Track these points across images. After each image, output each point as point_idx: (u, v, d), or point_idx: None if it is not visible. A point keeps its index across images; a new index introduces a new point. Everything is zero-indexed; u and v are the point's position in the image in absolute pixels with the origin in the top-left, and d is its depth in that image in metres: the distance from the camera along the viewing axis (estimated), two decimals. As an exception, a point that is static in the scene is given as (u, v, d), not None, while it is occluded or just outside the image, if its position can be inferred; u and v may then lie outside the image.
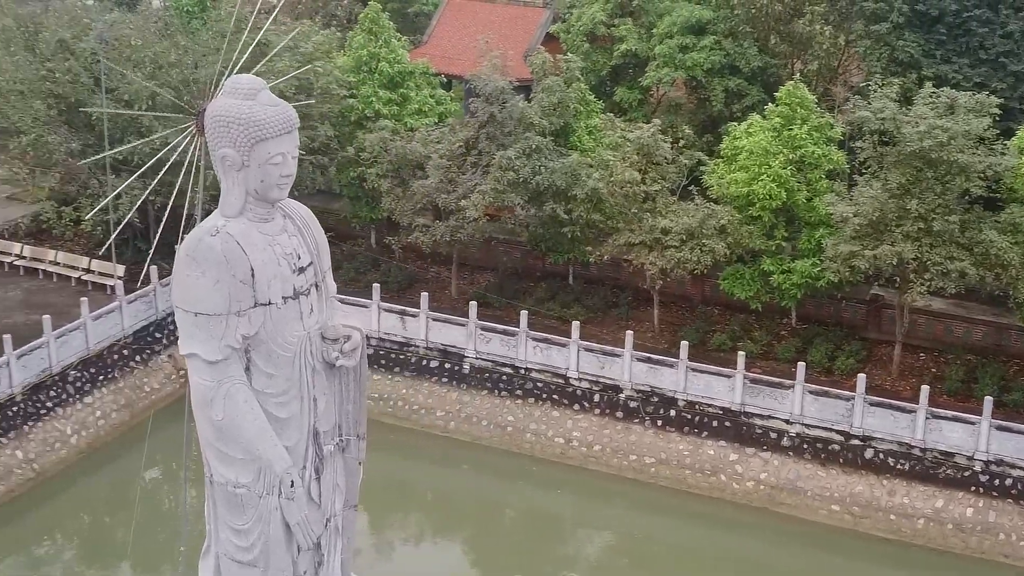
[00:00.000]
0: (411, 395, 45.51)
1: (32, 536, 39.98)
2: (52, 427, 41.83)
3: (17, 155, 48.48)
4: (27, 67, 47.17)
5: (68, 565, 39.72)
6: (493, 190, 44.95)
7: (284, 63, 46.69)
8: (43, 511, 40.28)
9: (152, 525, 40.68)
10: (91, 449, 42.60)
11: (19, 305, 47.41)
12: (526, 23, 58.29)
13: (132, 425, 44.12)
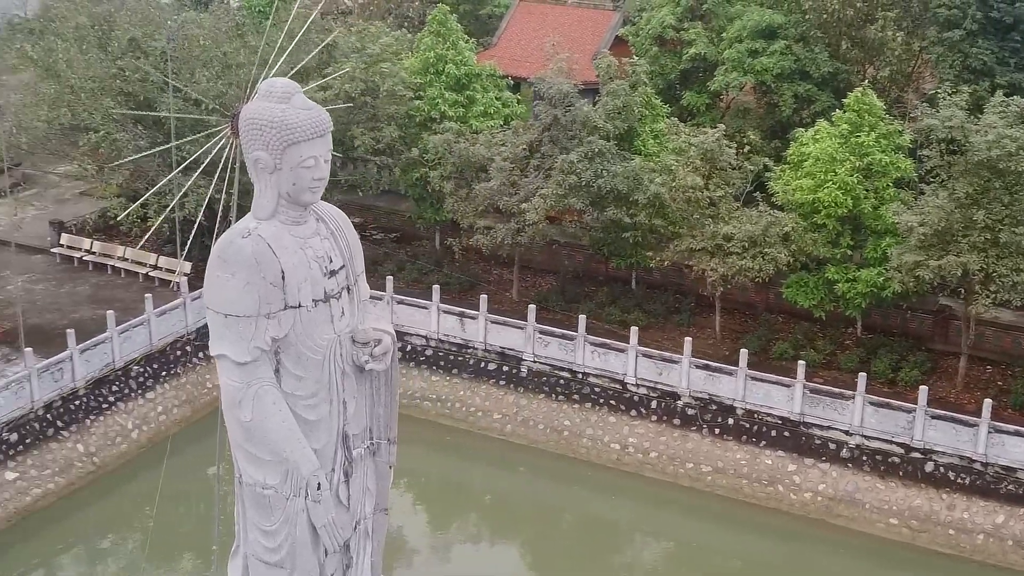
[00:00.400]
0: (468, 397, 45.51)
1: (92, 529, 40.50)
2: (114, 421, 42.37)
3: (87, 151, 49.17)
4: (98, 65, 47.84)
5: (130, 559, 40.09)
6: (554, 194, 44.80)
7: (351, 64, 46.93)
8: (103, 505, 40.78)
9: (208, 522, 41.08)
10: (151, 444, 43.07)
11: (86, 300, 48.12)
12: (595, 26, 58.09)
13: (193, 421, 44.57)
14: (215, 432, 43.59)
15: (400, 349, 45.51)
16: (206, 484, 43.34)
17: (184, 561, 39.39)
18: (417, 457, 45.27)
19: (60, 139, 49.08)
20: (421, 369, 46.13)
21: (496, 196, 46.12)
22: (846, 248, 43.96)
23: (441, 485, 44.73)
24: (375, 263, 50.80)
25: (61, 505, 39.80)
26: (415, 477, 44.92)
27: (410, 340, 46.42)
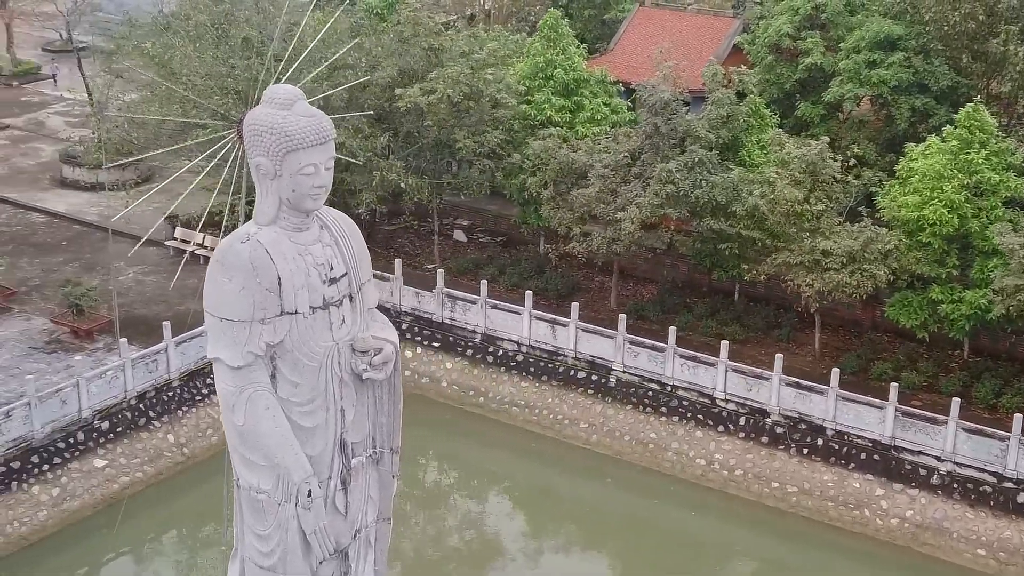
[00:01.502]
0: (556, 405, 45.30)
1: (179, 519, 41.43)
2: (205, 414, 43.26)
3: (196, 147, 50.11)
4: (213, 63, 48.85)
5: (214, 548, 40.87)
6: (650, 203, 44.30)
7: (456, 69, 47.10)
8: (191, 495, 41.63)
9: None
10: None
11: (192, 293, 49.09)
12: (714, 33, 57.29)
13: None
14: None
15: (491, 354, 46.01)
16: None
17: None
18: (504, 462, 45.37)
19: (173, 136, 50.22)
20: (511, 374, 46.09)
21: (594, 203, 45.80)
22: (952, 268, 42.49)
23: (529, 491, 44.62)
24: (477, 266, 50.96)
25: (149, 493, 40.79)
26: (503, 482, 45.00)
27: (502, 345, 46.42)
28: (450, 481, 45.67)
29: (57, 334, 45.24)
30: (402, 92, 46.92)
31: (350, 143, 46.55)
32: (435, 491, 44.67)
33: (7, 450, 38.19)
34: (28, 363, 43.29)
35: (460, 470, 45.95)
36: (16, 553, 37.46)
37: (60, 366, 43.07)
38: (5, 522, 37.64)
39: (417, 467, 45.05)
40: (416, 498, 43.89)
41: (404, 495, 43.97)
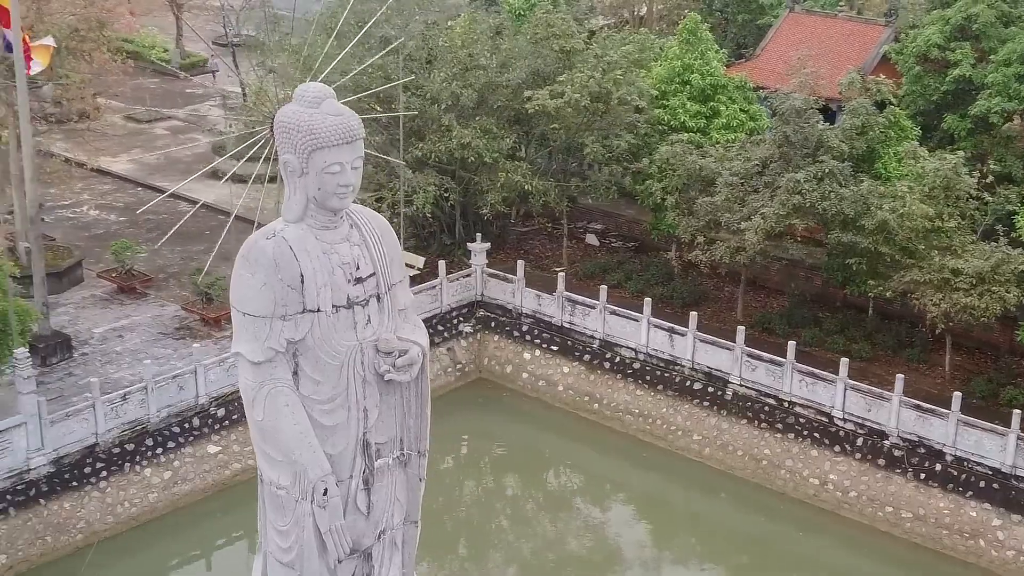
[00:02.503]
0: (670, 415, 44.68)
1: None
2: (321, 405, 43.78)
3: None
4: (348, 60, 49.47)
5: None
6: (775, 214, 43.33)
7: (585, 73, 46.83)
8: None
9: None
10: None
11: (321, 287, 49.98)
12: (864, 41, 55.77)
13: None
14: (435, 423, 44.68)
15: (608, 360, 45.62)
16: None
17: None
18: (619, 470, 44.98)
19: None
20: (627, 382, 45.62)
21: (719, 212, 45.01)
22: (1091, 294, 40.54)
23: (645, 501, 44.16)
24: (605, 271, 50.63)
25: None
26: (619, 490, 44.57)
27: (619, 352, 46.00)
28: (568, 486, 45.43)
29: (187, 321, 46.43)
30: (531, 94, 46.87)
31: (476, 143, 46.71)
32: (555, 495, 44.46)
33: (122, 432, 39.35)
34: (155, 348, 44.53)
35: (577, 475, 45.70)
36: (125, 534, 38.60)
37: (185, 352, 44.14)
38: (116, 502, 38.82)
39: (535, 470, 44.97)
40: (536, 501, 43.82)
41: (525, 497, 44.04)
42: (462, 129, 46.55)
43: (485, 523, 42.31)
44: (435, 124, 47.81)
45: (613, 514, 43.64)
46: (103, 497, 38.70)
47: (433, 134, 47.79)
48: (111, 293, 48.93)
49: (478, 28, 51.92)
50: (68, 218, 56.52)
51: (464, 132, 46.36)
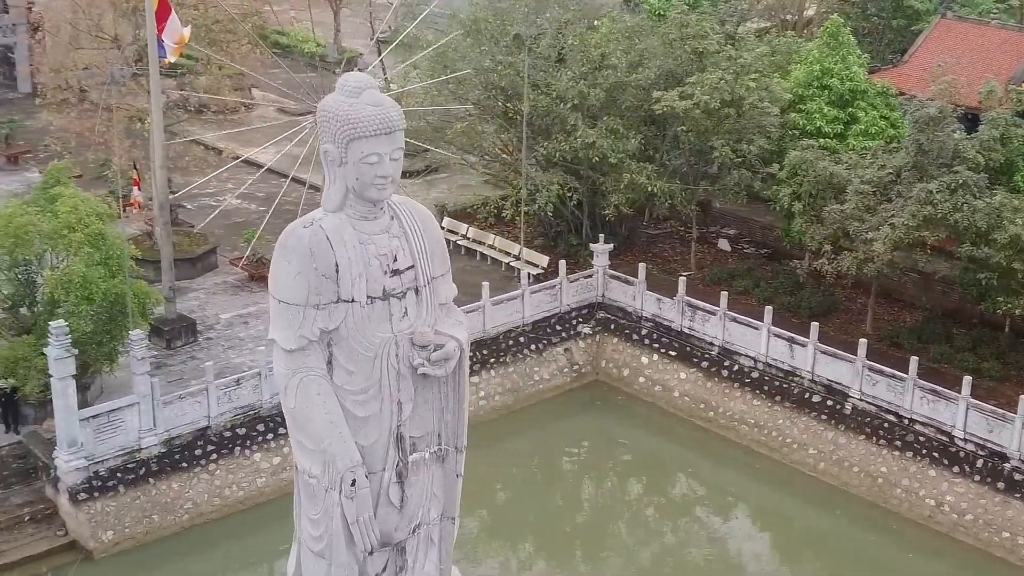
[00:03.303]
0: (787, 427, 43.58)
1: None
2: (432, 399, 43.92)
3: (452, 139, 51.22)
4: (480, 57, 49.63)
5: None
6: (905, 224, 41.89)
7: (716, 75, 46.05)
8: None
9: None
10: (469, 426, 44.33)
11: (446, 283, 50.17)
12: (1018, 49, 53.61)
13: (514, 410, 45.59)
14: (537, 423, 44.99)
15: (727, 368, 44.74)
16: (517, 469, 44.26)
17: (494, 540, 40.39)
18: (733, 480, 44.11)
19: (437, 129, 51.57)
20: (744, 391, 44.67)
21: (847, 221, 43.74)
22: None
23: (762, 514, 43.21)
24: (732, 276, 49.71)
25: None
26: (737, 501, 43.64)
27: (738, 360, 45.09)
28: (686, 494, 44.72)
29: (311, 312, 47.05)
30: (660, 95, 46.27)
31: (601, 143, 46.31)
32: (673, 503, 43.80)
33: (235, 416, 40.08)
34: (276, 336, 45.23)
35: (695, 484, 44.98)
36: (231, 516, 39.32)
37: (305, 341, 44.67)
38: (224, 485, 39.55)
39: (653, 476, 44.40)
40: (655, 507, 43.22)
41: (643, 503, 43.50)
42: (587, 128, 46.17)
43: (604, 527, 41.87)
44: (561, 123, 47.56)
45: (731, 526, 42.74)
46: (211, 479, 39.49)
47: (559, 133, 47.57)
48: (242, 280, 49.98)
49: (615, 28, 51.47)
50: (210, 206, 57.79)
51: (589, 132, 46.00)
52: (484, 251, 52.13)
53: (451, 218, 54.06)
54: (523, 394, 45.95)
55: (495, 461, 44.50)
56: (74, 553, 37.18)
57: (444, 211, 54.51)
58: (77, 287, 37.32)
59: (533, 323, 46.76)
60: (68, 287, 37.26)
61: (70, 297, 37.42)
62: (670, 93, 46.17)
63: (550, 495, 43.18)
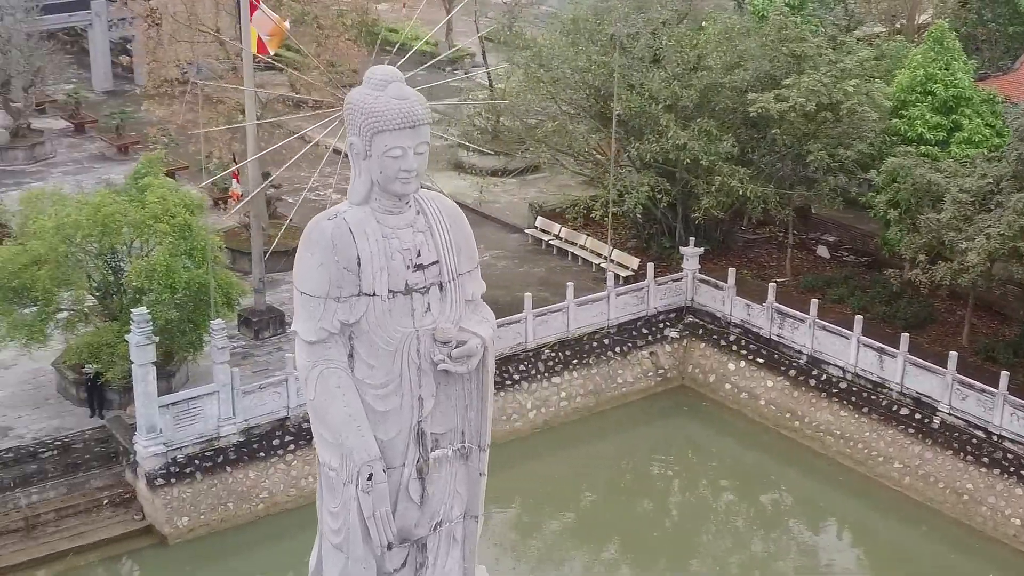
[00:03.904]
0: (873, 440, 42.53)
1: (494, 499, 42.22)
2: (513, 399, 43.89)
3: (541, 138, 50.99)
4: (575, 57, 49.31)
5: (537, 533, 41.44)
6: (1000, 235, 40.60)
7: (813, 78, 45.15)
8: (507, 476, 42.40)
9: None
10: (547, 427, 44.26)
11: (536, 282, 50.06)
12: None
13: (595, 412, 45.25)
14: (620, 426, 44.56)
15: (814, 377, 43.80)
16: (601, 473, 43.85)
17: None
18: (819, 492, 43.30)
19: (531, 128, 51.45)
20: (831, 401, 43.71)
21: (944, 230, 42.52)
22: None
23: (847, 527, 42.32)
24: (828, 284, 48.75)
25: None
26: (825, 514, 42.73)
27: (826, 369, 44.14)
28: (772, 504, 43.83)
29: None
30: (755, 97, 45.51)
31: (692, 145, 45.71)
32: (760, 512, 42.94)
33: (304, 413, 40.25)
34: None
35: (780, 494, 44.13)
36: (305, 507, 38.59)
37: (390, 336, 44.79)
38: (300, 476, 39.76)
39: (739, 485, 43.73)
40: (743, 516, 42.51)
41: (731, 512, 42.82)
42: (678, 130, 45.59)
43: (690, 534, 41.33)
44: (654, 124, 47.06)
45: (818, 538, 41.89)
46: (288, 470, 39.85)
47: (651, 134, 47.07)
48: (336, 274, 50.23)
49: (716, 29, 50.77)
50: (311, 200, 58.29)
51: (680, 133, 45.41)
52: (576, 252, 51.81)
53: (544, 218, 53.81)
54: (605, 396, 45.57)
55: (578, 463, 44.26)
56: (150, 537, 37.84)
57: (537, 210, 54.32)
58: (160, 276, 37.92)
59: (618, 325, 46.37)
60: (151, 276, 37.88)
61: (153, 286, 38.04)
62: (765, 95, 45.38)
63: (634, 500, 42.72)
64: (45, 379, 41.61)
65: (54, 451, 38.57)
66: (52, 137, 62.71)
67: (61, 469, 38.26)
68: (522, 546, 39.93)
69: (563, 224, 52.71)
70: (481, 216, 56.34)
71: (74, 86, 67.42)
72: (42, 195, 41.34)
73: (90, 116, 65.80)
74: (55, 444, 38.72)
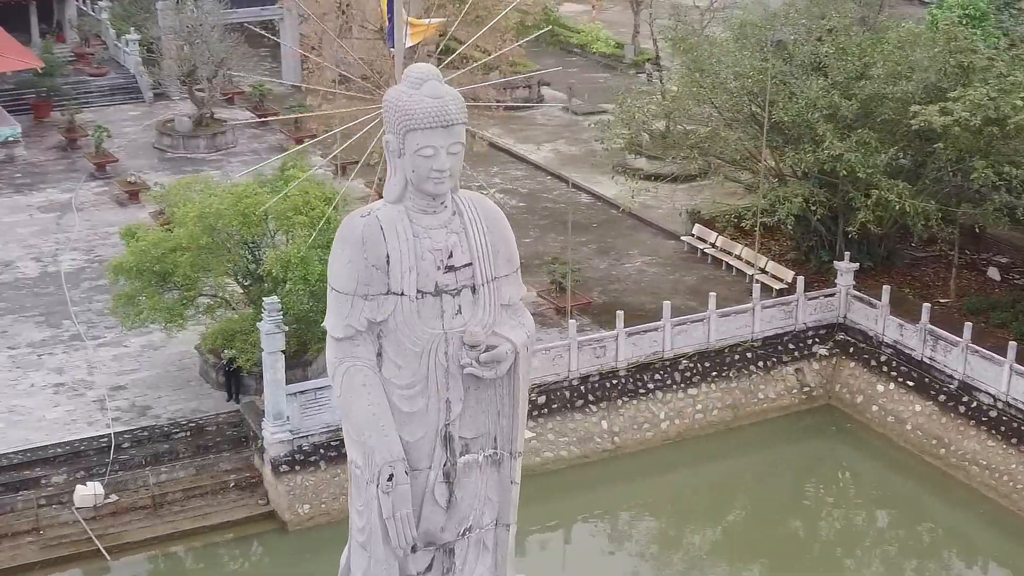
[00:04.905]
0: (1020, 472, 40.25)
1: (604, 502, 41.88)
2: (646, 408, 43.17)
3: (693, 144, 50.00)
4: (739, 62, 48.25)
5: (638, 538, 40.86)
6: None
7: (980, 92, 43.13)
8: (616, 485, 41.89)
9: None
10: (679, 439, 43.35)
11: (685, 290, 49.20)
12: None
13: (732, 427, 44.11)
14: (760, 443, 43.73)
15: (964, 404, 41.78)
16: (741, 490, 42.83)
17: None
18: (960, 522, 41.41)
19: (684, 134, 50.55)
20: (979, 430, 41.58)
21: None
22: None
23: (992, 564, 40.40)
24: (993, 308, 46.52)
25: (571, 473, 41.50)
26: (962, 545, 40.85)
27: (977, 396, 42.03)
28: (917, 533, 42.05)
29: (542, 308, 47.07)
30: (917, 109, 43.70)
31: (849, 157, 44.17)
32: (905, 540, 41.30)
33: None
34: (504, 330, 45.23)
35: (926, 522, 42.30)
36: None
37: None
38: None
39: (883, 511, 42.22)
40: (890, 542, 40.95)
41: (878, 537, 41.39)
42: (835, 141, 44.08)
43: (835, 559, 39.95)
44: (811, 132, 45.65)
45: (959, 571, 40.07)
46: (438, 465, 39.95)
47: (808, 143, 45.67)
48: (480, 273, 50.32)
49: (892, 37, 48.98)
50: (471, 198, 58.81)
51: (837, 144, 43.90)
52: (731, 262, 50.71)
53: (702, 225, 52.83)
54: (744, 411, 44.40)
55: (717, 478, 43.36)
56: (271, 523, 38.51)
57: (695, 218, 53.37)
58: (295, 267, 38.56)
59: (763, 339, 45.12)
60: (286, 266, 38.55)
61: (288, 276, 38.72)
62: (930, 108, 43.50)
63: (779, 520, 41.53)
64: (189, 362, 42.72)
65: (187, 432, 39.60)
66: (235, 127, 64.61)
67: (192, 450, 39.28)
68: (663, 559, 39.26)
69: (721, 232, 51.64)
70: (639, 221, 55.80)
71: (263, 79, 69.36)
72: (193, 183, 42.59)
73: (272, 108, 67.57)
74: (189, 425, 39.75)
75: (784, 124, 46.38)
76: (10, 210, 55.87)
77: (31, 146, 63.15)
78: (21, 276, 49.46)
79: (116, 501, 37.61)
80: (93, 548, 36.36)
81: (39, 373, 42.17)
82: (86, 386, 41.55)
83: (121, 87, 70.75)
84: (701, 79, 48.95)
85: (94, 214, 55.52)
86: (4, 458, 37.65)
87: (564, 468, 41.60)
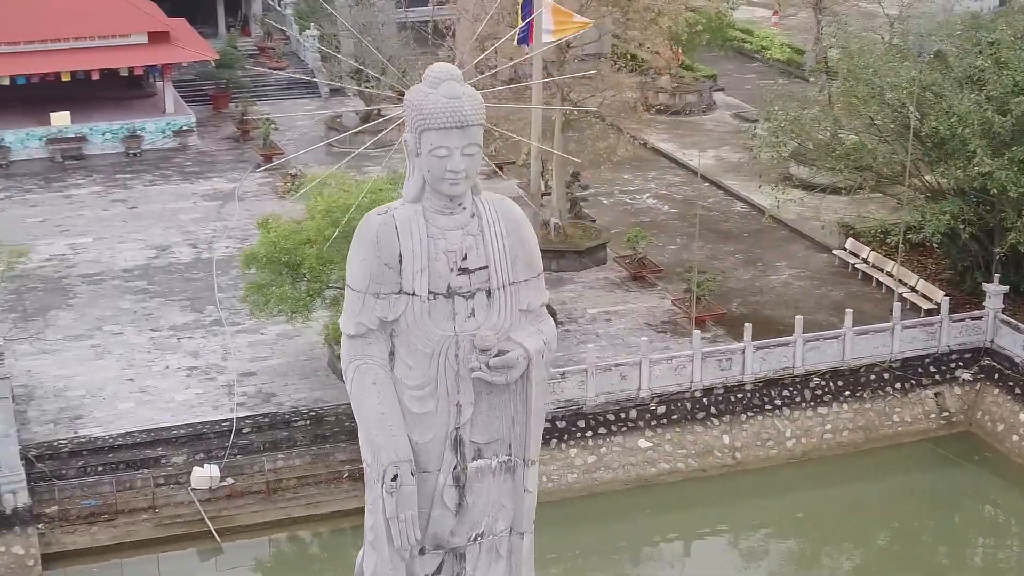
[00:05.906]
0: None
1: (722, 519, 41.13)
2: (771, 424, 42.09)
3: (841, 155, 48.42)
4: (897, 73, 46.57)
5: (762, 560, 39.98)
6: None
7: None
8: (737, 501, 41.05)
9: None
10: (805, 458, 42.11)
11: (829, 305, 47.74)
12: None
13: (863, 449, 42.64)
14: (895, 468, 42.51)
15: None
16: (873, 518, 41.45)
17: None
18: None
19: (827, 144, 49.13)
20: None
21: None
22: None
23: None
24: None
25: (685, 486, 40.79)
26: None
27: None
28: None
29: (676, 316, 46.34)
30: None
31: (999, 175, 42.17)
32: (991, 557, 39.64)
33: (557, 409, 40.22)
34: (633, 336, 44.70)
35: None
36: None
37: (659, 346, 43.89)
38: (534, 475, 39.82)
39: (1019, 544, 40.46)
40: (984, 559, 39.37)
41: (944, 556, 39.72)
42: (986, 157, 42.15)
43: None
44: (962, 148, 43.76)
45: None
46: (524, 465, 39.81)
47: (960, 159, 43.80)
48: (623, 278, 49.89)
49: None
50: (625, 203, 58.27)
51: (987, 161, 41.97)
52: (881, 279, 48.99)
53: (855, 240, 51.19)
54: (877, 434, 42.87)
55: (848, 503, 42.07)
56: (373, 516, 38.81)
57: (849, 231, 51.72)
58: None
59: (902, 360, 43.45)
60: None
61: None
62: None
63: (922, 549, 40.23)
64: (319, 352, 43.44)
65: (307, 421, 40.31)
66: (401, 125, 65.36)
67: (310, 439, 39.94)
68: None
69: (874, 248, 49.94)
70: (792, 232, 54.47)
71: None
72: (330, 177, 43.26)
73: (436, 108, 68.15)
74: (309, 414, 40.45)
75: (937, 138, 44.55)
76: (176, 197, 57.84)
77: (206, 135, 65.28)
78: (175, 261, 51.16)
79: (231, 484, 38.55)
80: (205, 529, 37.33)
81: (176, 356, 43.53)
82: (218, 371, 42.70)
83: (299, 82, 72.43)
84: (856, 88, 47.40)
85: (254, 204, 56.94)
86: (128, 436, 39.00)
87: (680, 481, 40.90)
